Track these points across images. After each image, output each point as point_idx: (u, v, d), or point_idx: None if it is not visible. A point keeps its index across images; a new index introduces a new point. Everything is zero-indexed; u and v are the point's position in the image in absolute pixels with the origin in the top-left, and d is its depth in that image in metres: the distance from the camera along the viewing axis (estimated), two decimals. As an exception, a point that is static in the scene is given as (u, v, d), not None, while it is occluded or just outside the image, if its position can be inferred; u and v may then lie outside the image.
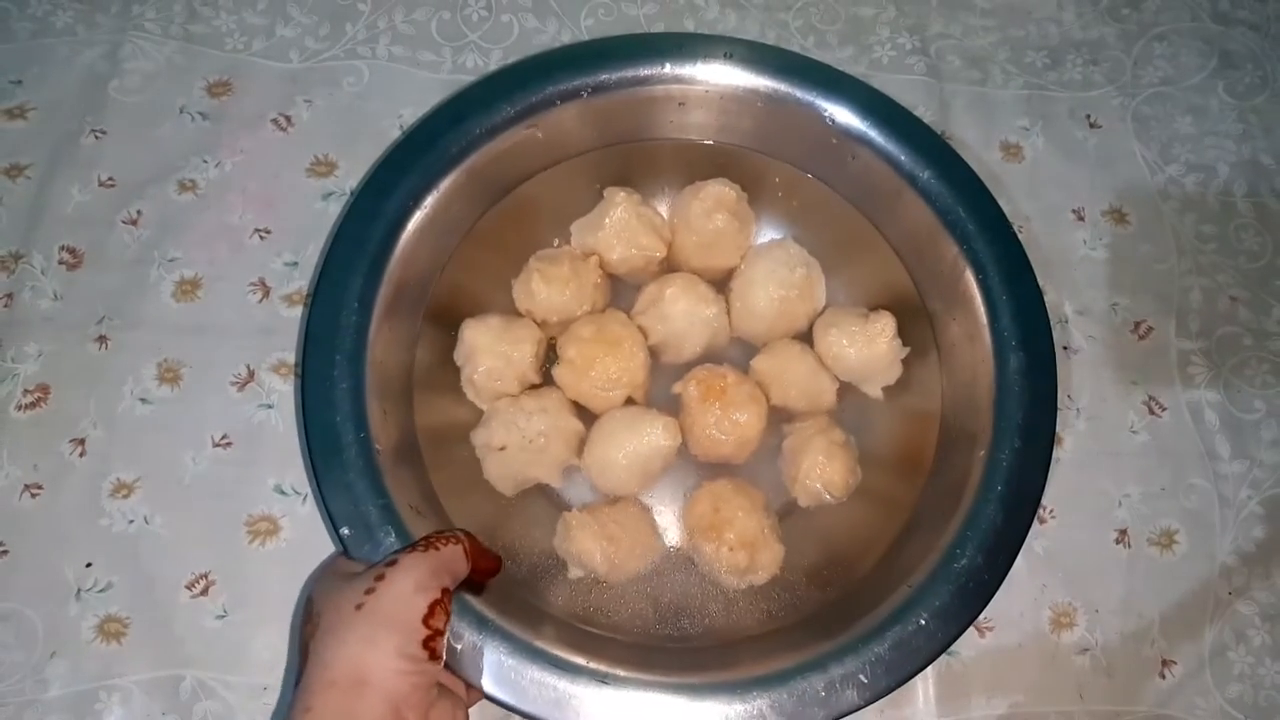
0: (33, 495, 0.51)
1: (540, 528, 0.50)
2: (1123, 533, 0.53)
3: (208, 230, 0.57)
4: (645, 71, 0.51)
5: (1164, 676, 0.52)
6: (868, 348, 0.50)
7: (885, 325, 0.50)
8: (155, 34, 0.62)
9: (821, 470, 0.49)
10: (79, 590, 0.49)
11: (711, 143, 0.53)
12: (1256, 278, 0.60)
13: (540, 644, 0.41)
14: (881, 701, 0.49)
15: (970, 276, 0.48)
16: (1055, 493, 0.54)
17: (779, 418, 0.52)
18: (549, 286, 0.51)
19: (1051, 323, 0.57)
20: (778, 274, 0.52)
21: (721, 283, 0.54)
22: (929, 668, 0.49)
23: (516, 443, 0.48)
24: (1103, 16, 0.68)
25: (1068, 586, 0.53)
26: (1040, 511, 0.53)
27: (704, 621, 0.47)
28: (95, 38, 0.61)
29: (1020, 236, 0.59)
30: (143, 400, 0.53)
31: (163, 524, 0.51)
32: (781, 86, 0.50)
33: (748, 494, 0.49)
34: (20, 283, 0.55)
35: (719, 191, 0.52)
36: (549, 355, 0.52)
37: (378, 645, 0.34)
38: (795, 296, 0.52)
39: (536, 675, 0.40)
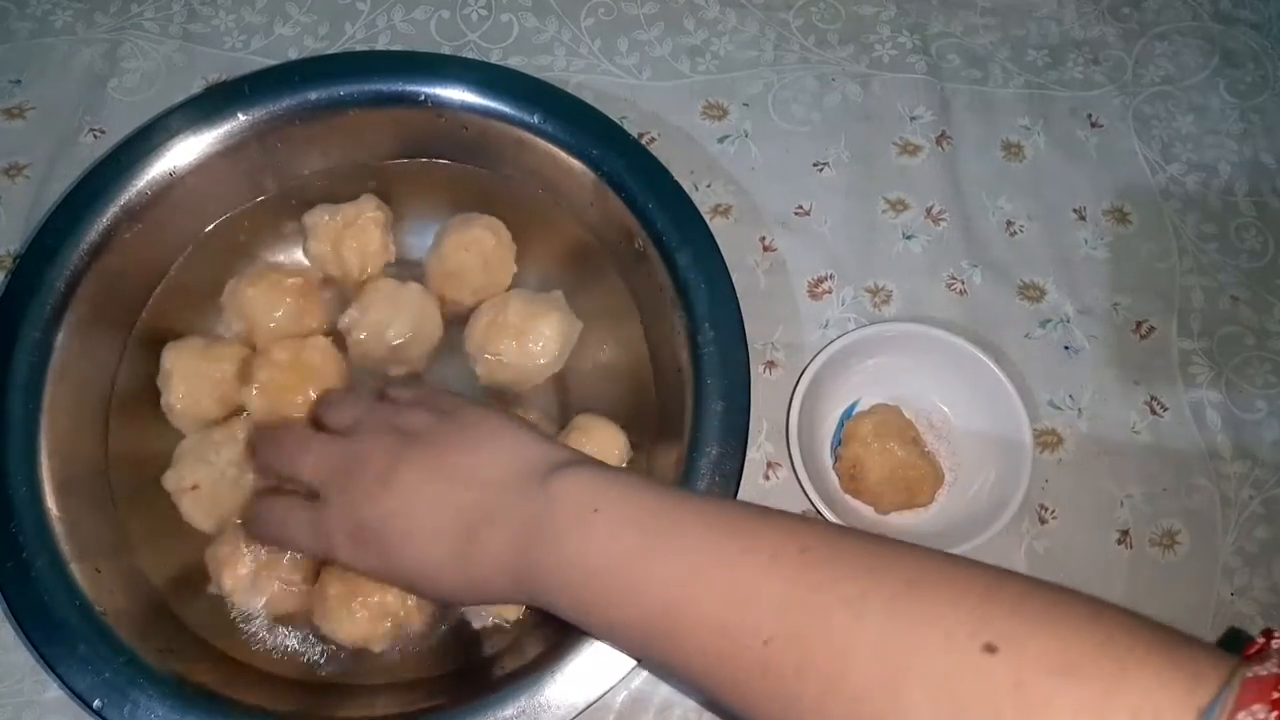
0: None
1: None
2: (1125, 533, 0.53)
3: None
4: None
5: (1166, 677, 0.51)
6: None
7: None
8: (154, 33, 0.62)
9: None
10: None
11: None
12: (1258, 277, 0.60)
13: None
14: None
15: (610, 192, 0.49)
16: (1056, 493, 0.53)
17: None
18: (247, 304, 0.48)
19: (1053, 322, 0.58)
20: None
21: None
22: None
23: (209, 478, 0.45)
24: (1103, 15, 0.68)
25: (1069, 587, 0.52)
26: (1041, 512, 0.53)
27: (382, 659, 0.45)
28: (94, 37, 0.61)
29: (1021, 237, 0.60)
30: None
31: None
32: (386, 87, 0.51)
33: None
34: (19, 282, 0.54)
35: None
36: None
37: None
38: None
39: None
